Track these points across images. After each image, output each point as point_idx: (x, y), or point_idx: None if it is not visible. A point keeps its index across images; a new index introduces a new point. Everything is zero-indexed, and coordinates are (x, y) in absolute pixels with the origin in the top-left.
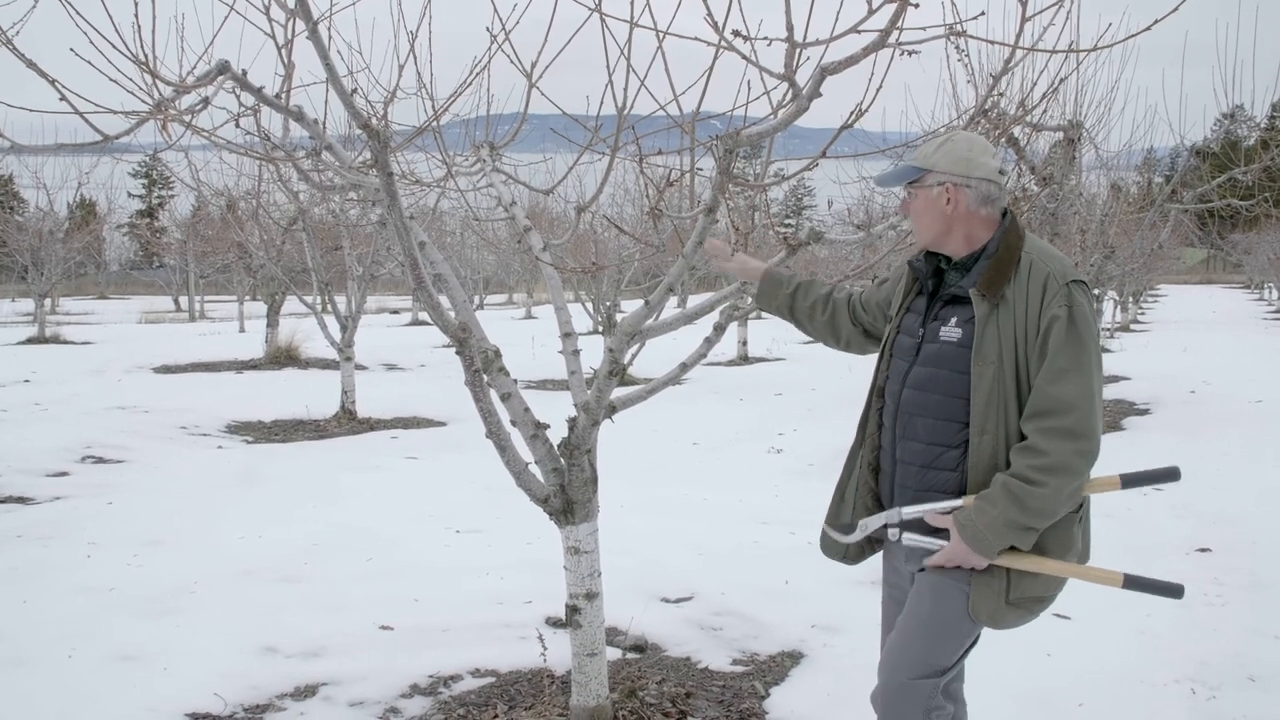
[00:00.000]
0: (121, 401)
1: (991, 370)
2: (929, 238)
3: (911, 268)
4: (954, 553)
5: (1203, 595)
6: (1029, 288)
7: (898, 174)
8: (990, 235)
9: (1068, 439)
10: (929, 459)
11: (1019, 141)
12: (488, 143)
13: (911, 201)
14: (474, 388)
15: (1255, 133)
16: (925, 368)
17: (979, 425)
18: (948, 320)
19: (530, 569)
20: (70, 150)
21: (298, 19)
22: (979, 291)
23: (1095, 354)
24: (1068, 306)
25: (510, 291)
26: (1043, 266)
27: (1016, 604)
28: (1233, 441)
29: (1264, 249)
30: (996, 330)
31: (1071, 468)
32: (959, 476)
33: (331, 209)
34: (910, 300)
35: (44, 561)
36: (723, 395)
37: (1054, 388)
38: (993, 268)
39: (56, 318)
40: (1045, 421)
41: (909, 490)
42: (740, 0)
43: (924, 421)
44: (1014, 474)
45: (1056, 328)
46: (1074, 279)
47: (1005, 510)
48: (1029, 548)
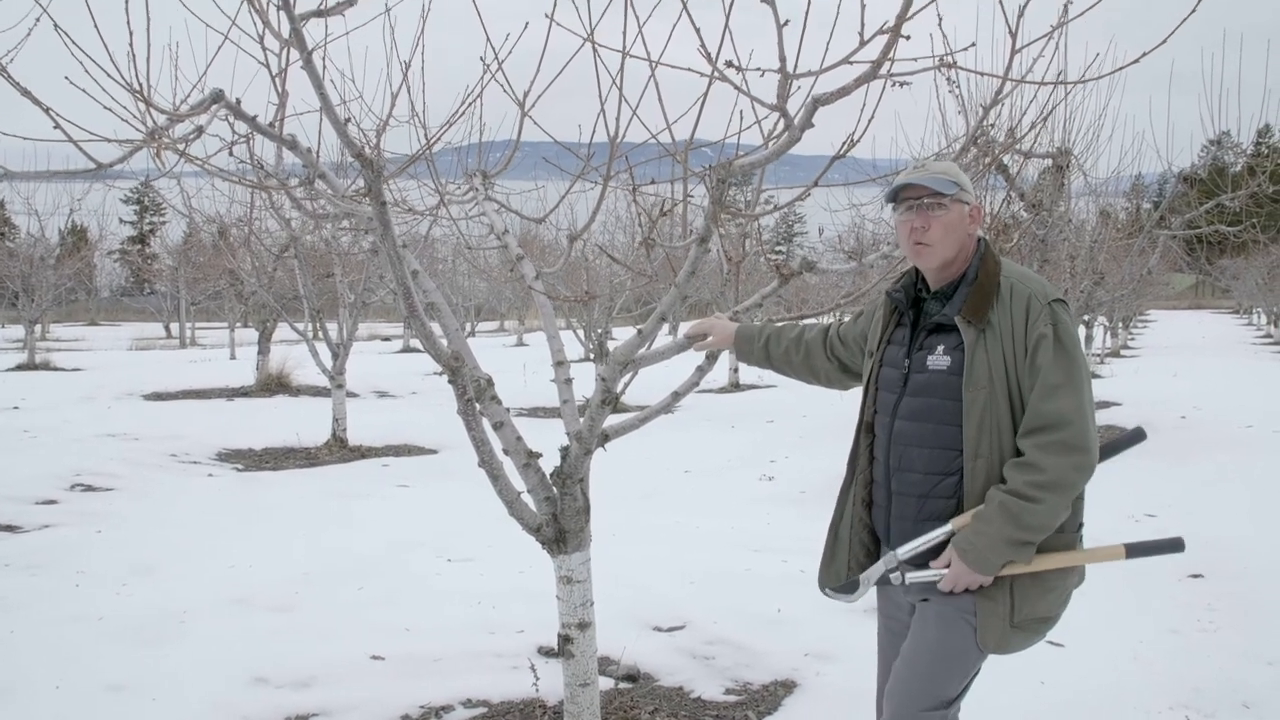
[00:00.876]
0: (111, 429)
1: (983, 395)
2: (949, 254)
3: (891, 298)
4: (957, 575)
5: (1196, 621)
6: (1013, 310)
7: (941, 182)
8: (969, 262)
9: (1065, 453)
10: (926, 488)
11: (1009, 169)
12: (480, 171)
13: (944, 215)
14: (466, 416)
15: (1242, 159)
16: (916, 398)
17: (972, 450)
18: (934, 349)
19: (522, 598)
20: (63, 177)
21: (292, 48)
22: (965, 318)
23: (1083, 367)
24: (1053, 324)
25: (502, 318)
26: (1023, 288)
27: (1022, 627)
28: (1224, 467)
29: (1252, 274)
30: (985, 355)
31: (1068, 482)
32: (956, 503)
33: (324, 236)
34: (890, 332)
35: (32, 590)
36: (715, 422)
37: (1047, 404)
38: (976, 294)
39: (47, 344)
40: (1042, 437)
41: (907, 521)
42: (732, 31)
43: (920, 452)
44: (1010, 490)
45: (1044, 346)
46: (1055, 298)
47: (1002, 528)
48: (1028, 561)
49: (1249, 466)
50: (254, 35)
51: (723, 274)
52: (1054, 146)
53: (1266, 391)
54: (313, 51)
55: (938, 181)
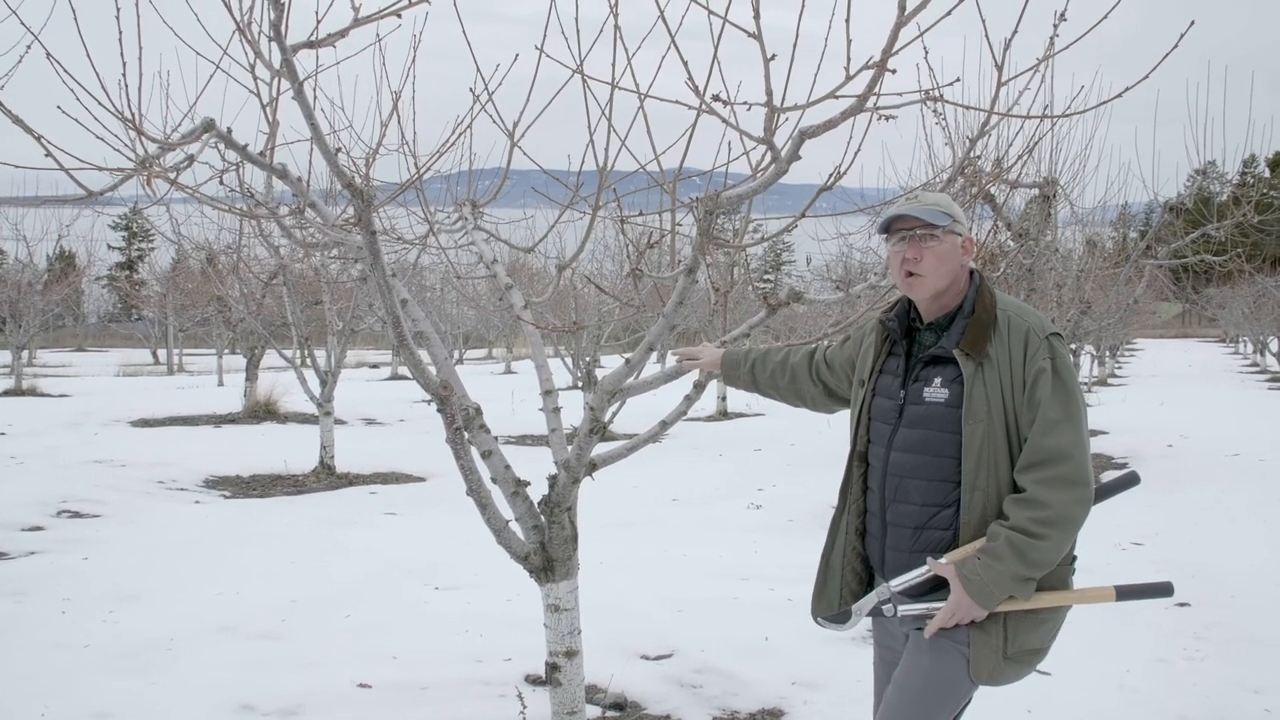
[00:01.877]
0: (98, 455)
1: (981, 428)
2: (940, 285)
3: (885, 327)
4: (957, 605)
5: (1183, 650)
6: (1010, 344)
7: (934, 213)
8: (964, 294)
9: (1066, 488)
10: (922, 520)
11: (995, 198)
12: (470, 201)
13: (936, 246)
14: (455, 445)
15: (1227, 189)
16: (913, 430)
17: (970, 482)
18: (931, 381)
19: (510, 626)
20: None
21: (283, 78)
22: (964, 351)
23: (1081, 402)
24: (1051, 359)
25: (490, 346)
26: (1021, 322)
27: (1014, 659)
28: (1211, 495)
29: (1238, 303)
30: (984, 388)
31: (1072, 518)
32: (952, 535)
33: (312, 264)
34: (883, 361)
35: (18, 617)
36: (702, 451)
37: (1048, 439)
38: (974, 327)
39: (34, 370)
40: (1042, 472)
41: (903, 553)
42: (720, 64)
43: (916, 483)
44: (1016, 527)
45: (1043, 380)
46: (1052, 332)
47: (1011, 565)
48: (1029, 597)
49: (1236, 495)
50: (245, 65)
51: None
52: (1041, 176)
53: (1253, 420)
54: (304, 82)
55: (930, 213)
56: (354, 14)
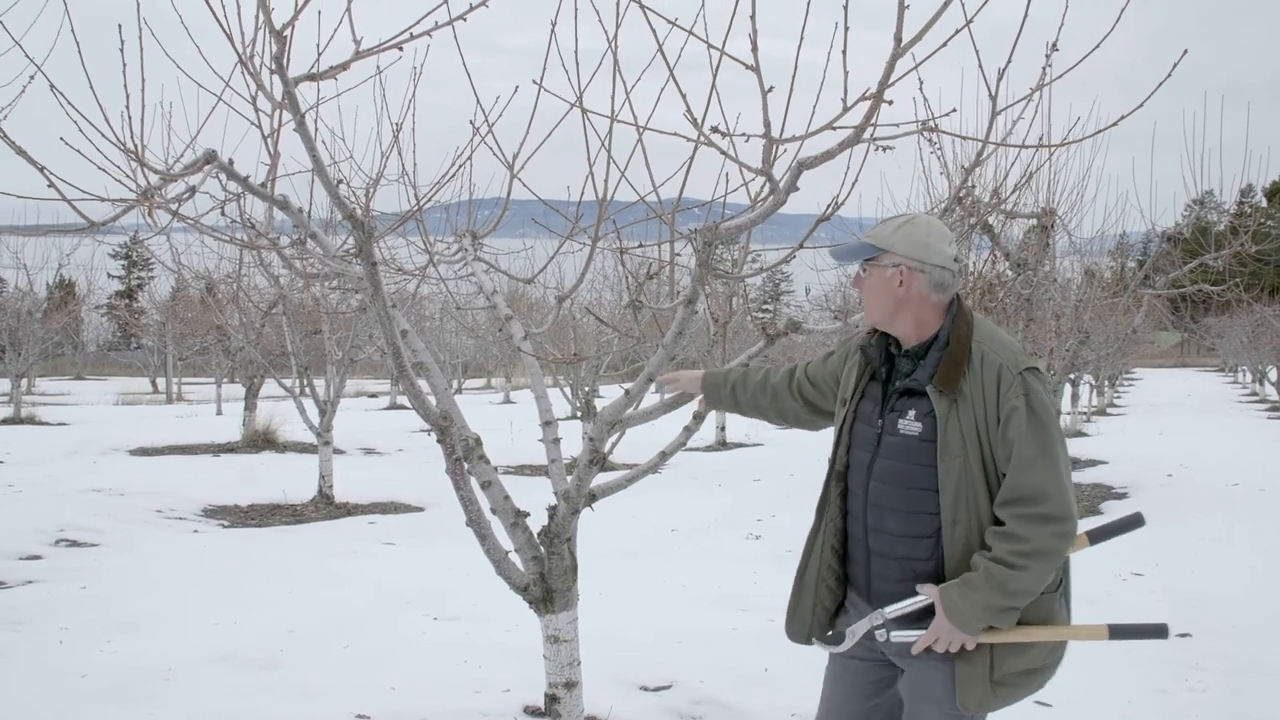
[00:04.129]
0: (97, 484)
1: (958, 464)
2: (877, 317)
3: (864, 354)
4: (939, 630)
5: (1184, 680)
6: (984, 380)
7: (853, 250)
8: (940, 323)
9: (1045, 524)
10: (903, 551)
11: (993, 229)
12: (469, 231)
13: (865, 279)
14: (454, 476)
15: (1225, 218)
16: (889, 460)
17: (950, 516)
18: (905, 413)
19: (509, 657)
20: (55, 232)
21: (284, 110)
22: (937, 388)
23: (1058, 436)
24: (1024, 395)
25: (489, 376)
26: (994, 357)
27: (1004, 682)
28: (1211, 525)
29: (1237, 333)
30: (958, 424)
31: (1052, 550)
32: (933, 564)
33: (312, 294)
34: (864, 386)
35: (15, 646)
36: (701, 481)
37: (1024, 478)
38: (947, 363)
39: (33, 398)
40: (1021, 509)
41: (890, 582)
42: (719, 95)
43: (894, 515)
44: (995, 558)
45: (1016, 418)
46: (1026, 366)
47: (988, 595)
48: (1010, 626)
49: (1236, 525)
50: (247, 97)
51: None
52: (1038, 206)
53: (1252, 450)
54: (305, 113)
55: (846, 253)
56: (355, 47)
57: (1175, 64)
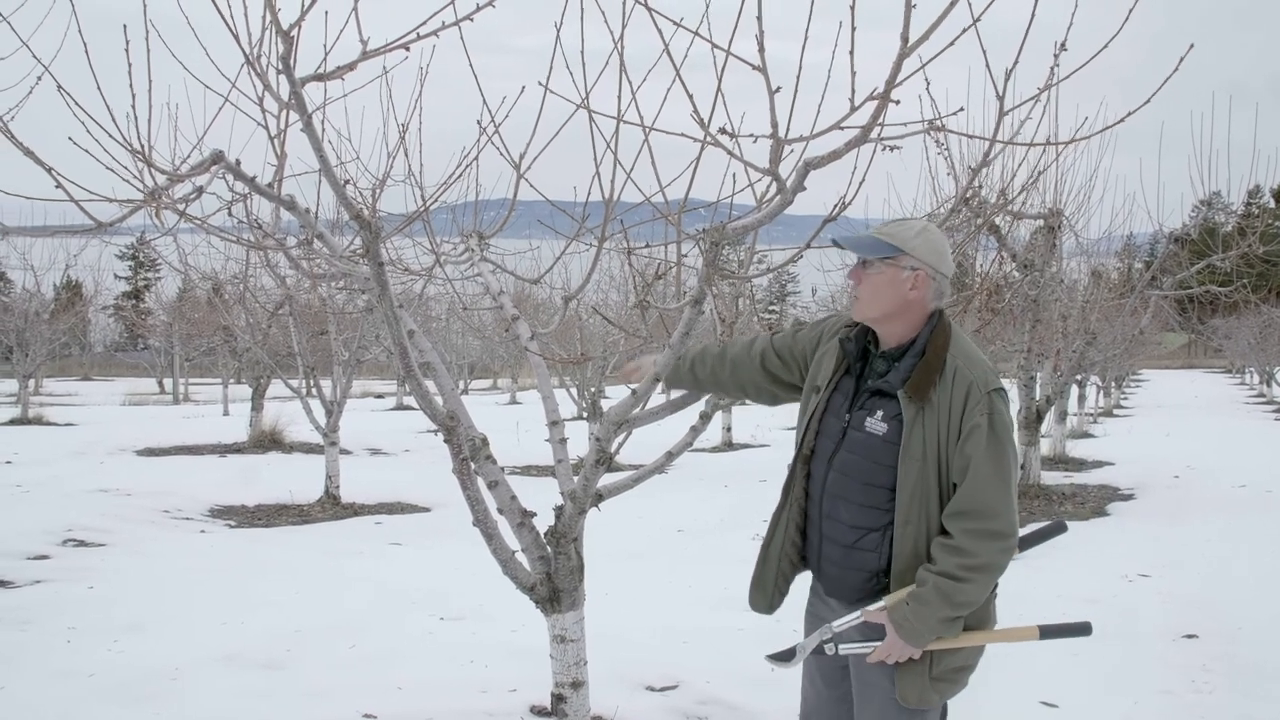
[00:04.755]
0: (104, 484)
1: (916, 467)
2: (875, 314)
3: (843, 347)
4: (890, 647)
5: (1190, 682)
6: (953, 393)
7: (870, 244)
8: (920, 329)
9: (991, 539)
10: (852, 540)
11: (1000, 229)
12: (476, 232)
13: (870, 274)
14: (461, 476)
15: (1232, 219)
16: (851, 454)
17: (904, 516)
18: (873, 411)
19: (515, 656)
20: (63, 233)
21: (291, 110)
22: (908, 395)
23: (1013, 458)
24: (988, 414)
25: (495, 376)
26: (966, 374)
27: (941, 678)
28: (1217, 526)
29: (1244, 334)
30: (922, 430)
31: (995, 564)
32: (878, 557)
33: (319, 294)
34: (838, 379)
35: (22, 646)
36: (707, 482)
37: (978, 493)
38: (921, 371)
39: (40, 399)
40: (970, 523)
41: (834, 566)
42: (724, 96)
43: (847, 505)
44: (942, 572)
45: (977, 435)
46: (994, 388)
47: (938, 609)
48: (957, 634)
49: (1242, 527)
50: (253, 97)
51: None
52: (1045, 207)
53: (1259, 451)
54: (312, 114)
55: (864, 244)
56: (362, 47)
57: (1181, 59)
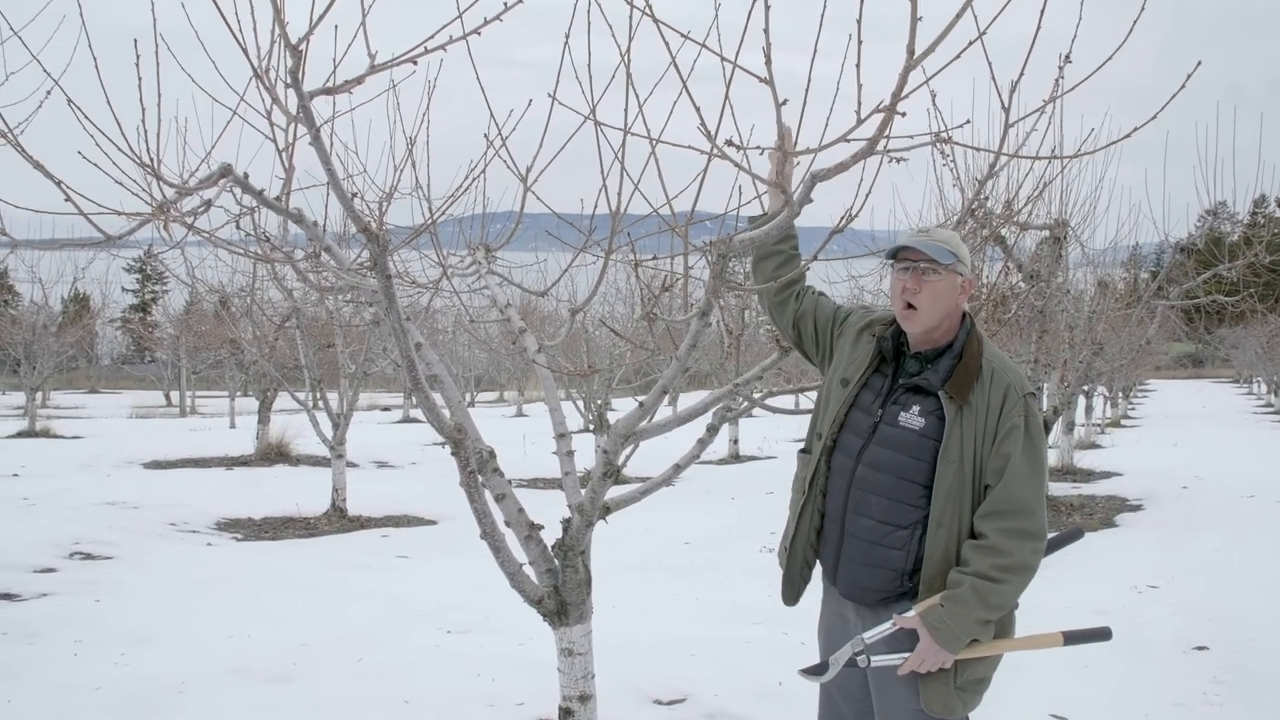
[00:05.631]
0: (111, 497)
1: (954, 468)
2: (933, 320)
3: (879, 345)
4: (924, 653)
5: (1201, 694)
6: (991, 395)
7: (939, 250)
8: (956, 333)
9: (1026, 539)
10: (878, 536)
11: (1006, 240)
12: (483, 245)
13: (932, 280)
14: (469, 489)
15: (1238, 229)
16: (883, 449)
17: (937, 518)
18: (909, 407)
19: (522, 670)
20: (71, 246)
21: (299, 124)
22: (949, 394)
23: (1046, 460)
24: (1025, 416)
25: (502, 389)
26: (1004, 377)
27: (964, 688)
28: (1227, 537)
29: (1251, 343)
30: (960, 431)
31: (1029, 565)
32: (904, 555)
33: (326, 307)
34: (868, 376)
35: (30, 659)
36: (715, 494)
37: (1014, 492)
38: (962, 372)
39: (47, 411)
40: (1005, 522)
41: (856, 564)
42: (732, 108)
43: (878, 500)
44: (977, 573)
45: (1015, 435)
46: (1029, 391)
47: (975, 609)
48: (990, 639)
49: (1252, 537)
50: (261, 111)
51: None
52: (1051, 218)
53: (1268, 461)
54: (320, 127)
55: (935, 249)
56: (370, 61)
57: (1190, 75)
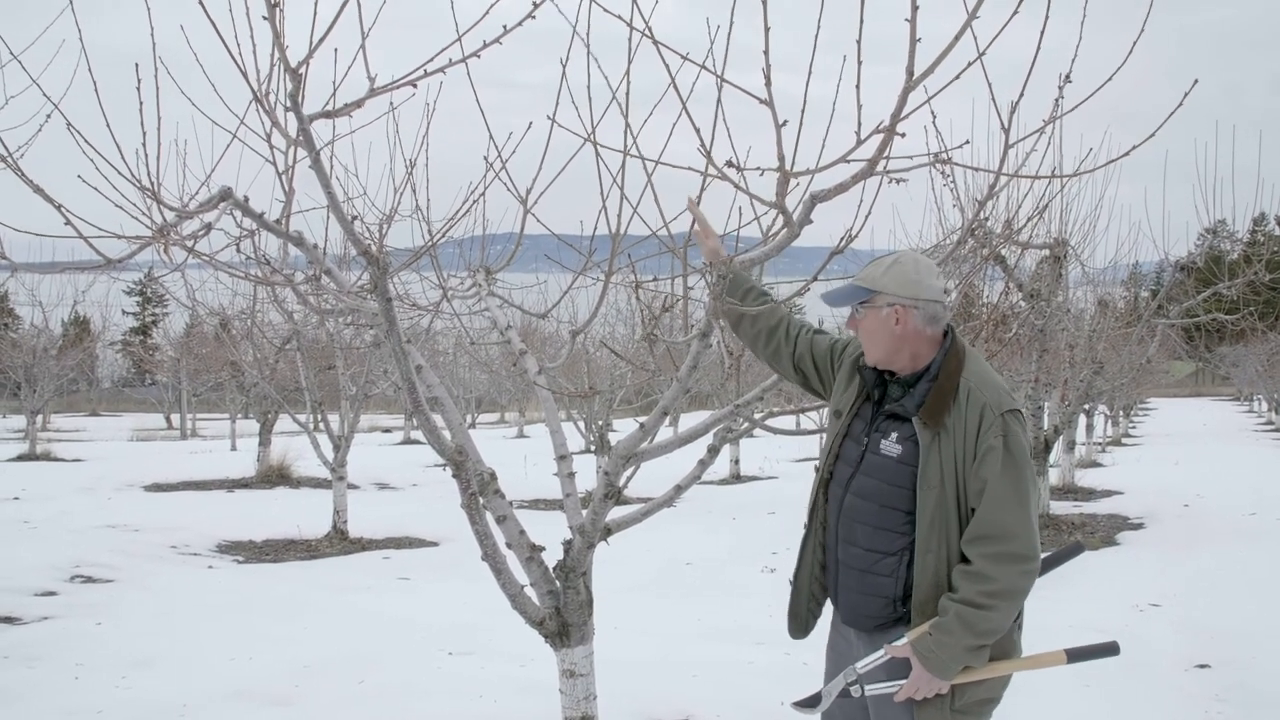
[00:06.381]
0: (111, 520)
1: (934, 494)
2: (879, 356)
3: (862, 376)
4: (918, 681)
5: (1204, 712)
6: (967, 416)
7: (846, 294)
8: (933, 354)
9: (1011, 563)
10: (867, 564)
11: (1006, 260)
12: (483, 267)
13: (861, 320)
14: (470, 510)
15: (1238, 247)
16: (868, 478)
17: (924, 544)
18: (888, 434)
19: (524, 691)
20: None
21: (299, 147)
22: (922, 420)
23: (1031, 479)
24: (1003, 436)
25: (503, 410)
26: (980, 396)
27: (964, 711)
28: (1229, 555)
29: (1251, 361)
30: (939, 456)
31: (1017, 589)
32: (894, 582)
33: (327, 330)
34: (858, 405)
35: (31, 683)
36: (716, 515)
37: (995, 515)
38: (935, 396)
39: (48, 434)
40: (988, 547)
41: (851, 593)
42: (730, 129)
43: (863, 529)
44: (964, 600)
45: (992, 458)
46: (1009, 409)
47: (962, 637)
48: (983, 665)
49: (1254, 555)
50: (261, 134)
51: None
52: (1051, 237)
53: (1269, 479)
54: (320, 150)
55: (841, 296)
56: (370, 84)
57: (1186, 94)
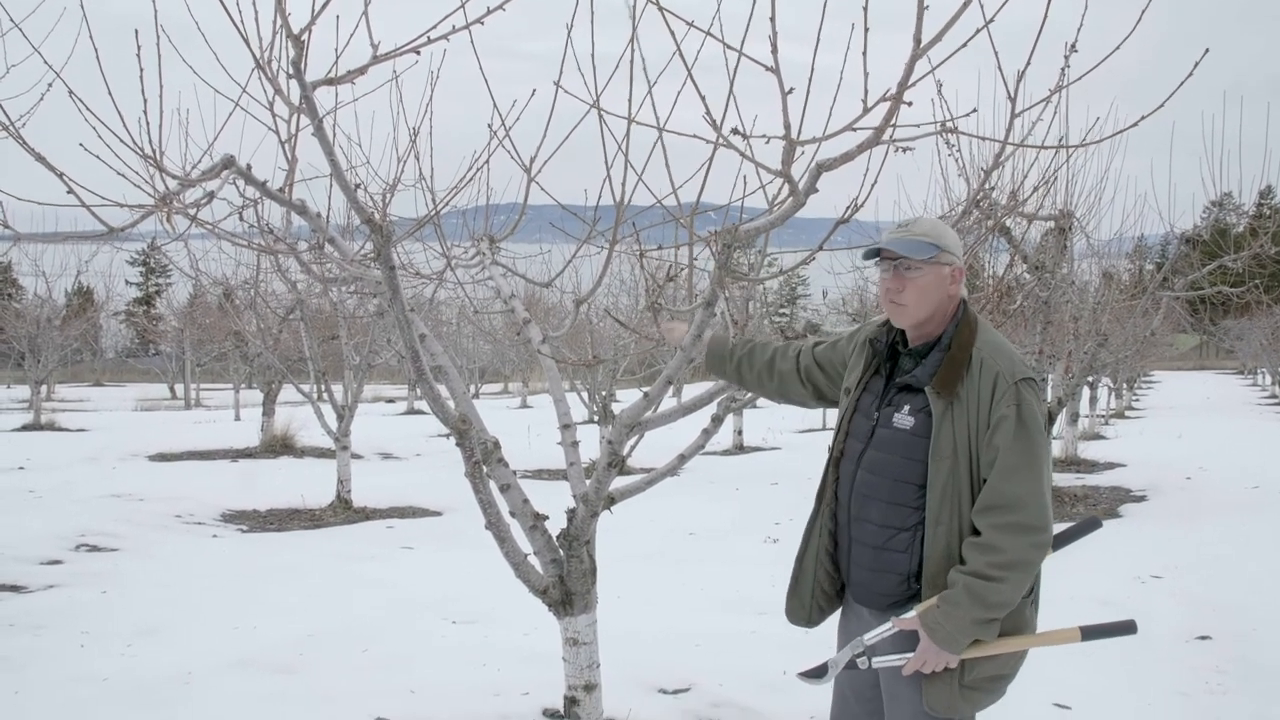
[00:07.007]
0: (116, 489)
1: (947, 465)
2: (922, 315)
3: (872, 347)
4: (925, 654)
5: (1204, 684)
6: (980, 385)
7: (914, 246)
8: (946, 325)
9: (1021, 534)
10: (881, 540)
11: (1011, 231)
12: (487, 236)
13: (914, 277)
14: (474, 479)
15: (1244, 220)
16: (879, 452)
17: (934, 516)
18: (900, 407)
19: (527, 660)
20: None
21: (302, 115)
22: (935, 390)
23: (1044, 448)
24: (1016, 405)
25: (506, 380)
26: (993, 365)
27: (974, 686)
28: (1230, 527)
29: (1256, 335)
30: (951, 426)
31: (1027, 561)
32: (909, 558)
33: (330, 298)
34: (868, 379)
35: (36, 651)
36: (719, 485)
37: (1005, 484)
38: (948, 366)
39: (52, 404)
40: (998, 517)
41: (864, 570)
42: (736, 98)
43: (876, 504)
44: (973, 572)
45: (1005, 426)
46: (1023, 377)
47: (970, 609)
48: (993, 638)
49: (1256, 528)
50: (264, 102)
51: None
52: (1056, 209)
53: (1272, 452)
54: (323, 118)
55: (911, 246)
56: (373, 51)
57: (1197, 63)
